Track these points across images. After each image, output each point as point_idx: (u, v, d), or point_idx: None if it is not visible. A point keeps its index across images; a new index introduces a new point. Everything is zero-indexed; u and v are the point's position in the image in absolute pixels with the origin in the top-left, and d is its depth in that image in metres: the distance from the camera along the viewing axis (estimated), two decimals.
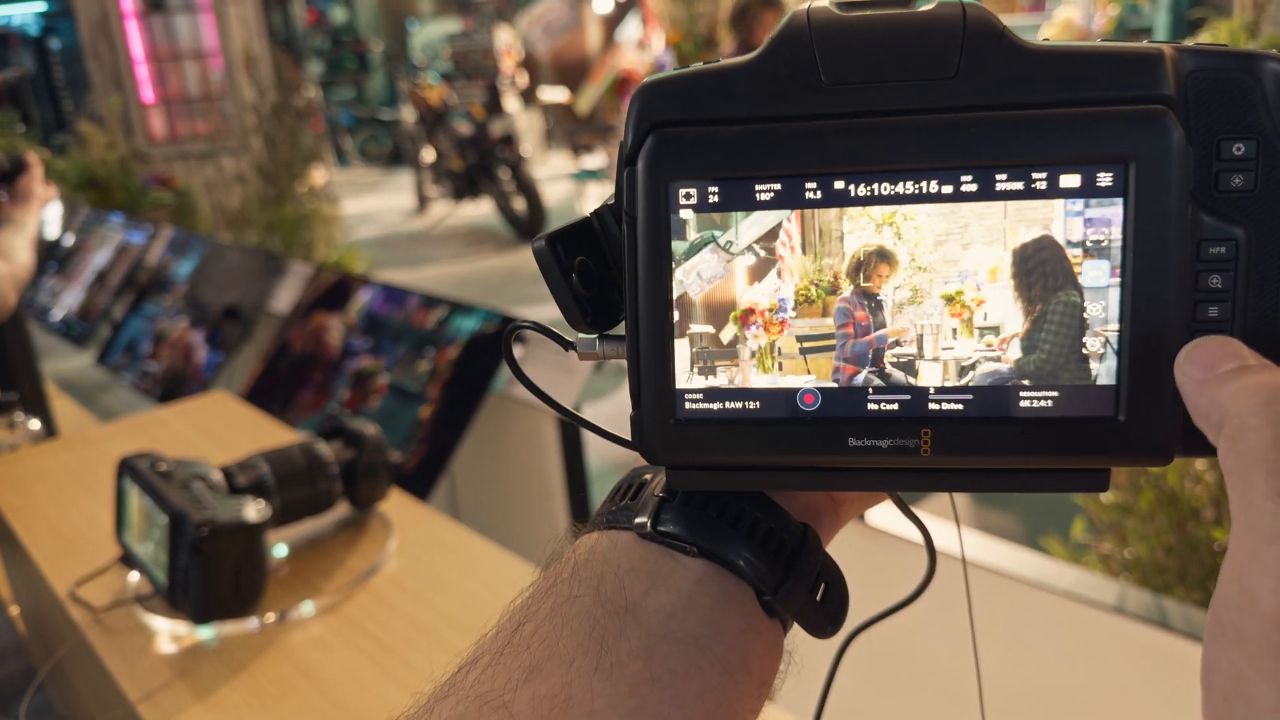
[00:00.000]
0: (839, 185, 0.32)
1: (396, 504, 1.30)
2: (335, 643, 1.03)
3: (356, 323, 2.58)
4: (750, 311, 0.33)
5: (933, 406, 0.33)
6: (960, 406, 0.33)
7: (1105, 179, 0.31)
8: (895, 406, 0.33)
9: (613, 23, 10.58)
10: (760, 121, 0.33)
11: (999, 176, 0.31)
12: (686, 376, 0.34)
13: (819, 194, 0.32)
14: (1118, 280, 0.31)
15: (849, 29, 0.33)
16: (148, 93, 7.15)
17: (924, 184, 0.32)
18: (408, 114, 9.13)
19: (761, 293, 0.33)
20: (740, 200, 0.33)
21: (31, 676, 2.08)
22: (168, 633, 1.07)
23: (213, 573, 1.01)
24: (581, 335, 0.38)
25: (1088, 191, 0.31)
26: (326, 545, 1.22)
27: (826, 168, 0.32)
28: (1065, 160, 0.31)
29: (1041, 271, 0.31)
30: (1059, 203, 0.31)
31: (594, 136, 8.74)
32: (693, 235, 0.33)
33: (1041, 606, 1.38)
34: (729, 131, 0.33)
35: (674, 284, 0.33)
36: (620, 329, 0.37)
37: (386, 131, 12.05)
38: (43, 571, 1.23)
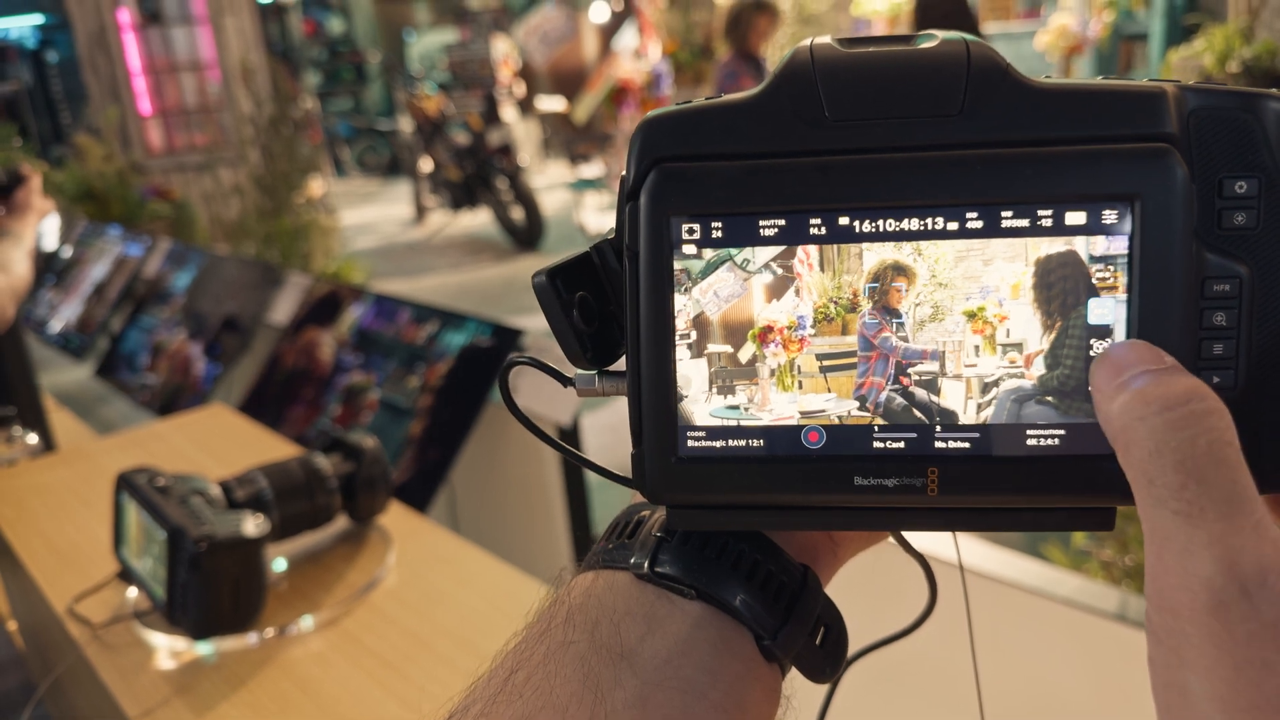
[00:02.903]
0: (843, 221, 0.32)
1: (395, 517, 1.29)
2: (335, 658, 1.02)
3: (348, 338, 2.59)
4: (769, 329, 0.33)
5: (939, 445, 0.32)
6: (967, 445, 0.32)
7: (1110, 216, 0.31)
8: (901, 445, 0.33)
9: (609, 32, 10.61)
10: (764, 157, 0.33)
11: (1004, 213, 0.31)
12: (705, 396, 0.33)
13: (823, 230, 0.32)
14: (1124, 318, 0.31)
15: (853, 66, 0.33)
16: (145, 104, 7.16)
17: (929, 221, 0.32)
18: (405, 124, 9.15)
19: (780, 310, 0.33)
20: (744, 236, 0.33)
21: (29, 692, 2.07)
22: (166, 649, 1.06)
23: (211, 588, 1.00)
24: (580, 371, 0.37)
25: (1093, 229, 0.31)
26: (326, 559, 1.22)
27: (830, 204, 0.32)
28: (1071, 197, 0.31)
29: (1063, 286, 0.31)
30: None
31: (591, 145, 8.75)
32: (697, 267, 0.33)
33: (1042, 614, 1.38)
34: (732, 167, 0.33)
35: (691, 303, 0.33)
36: (620, 364, 0.37)
37: (384, 142, 12.07)
38: (41, 587, 1.22)
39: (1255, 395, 0.32)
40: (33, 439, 1.86)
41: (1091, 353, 0.31)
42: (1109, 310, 0.31)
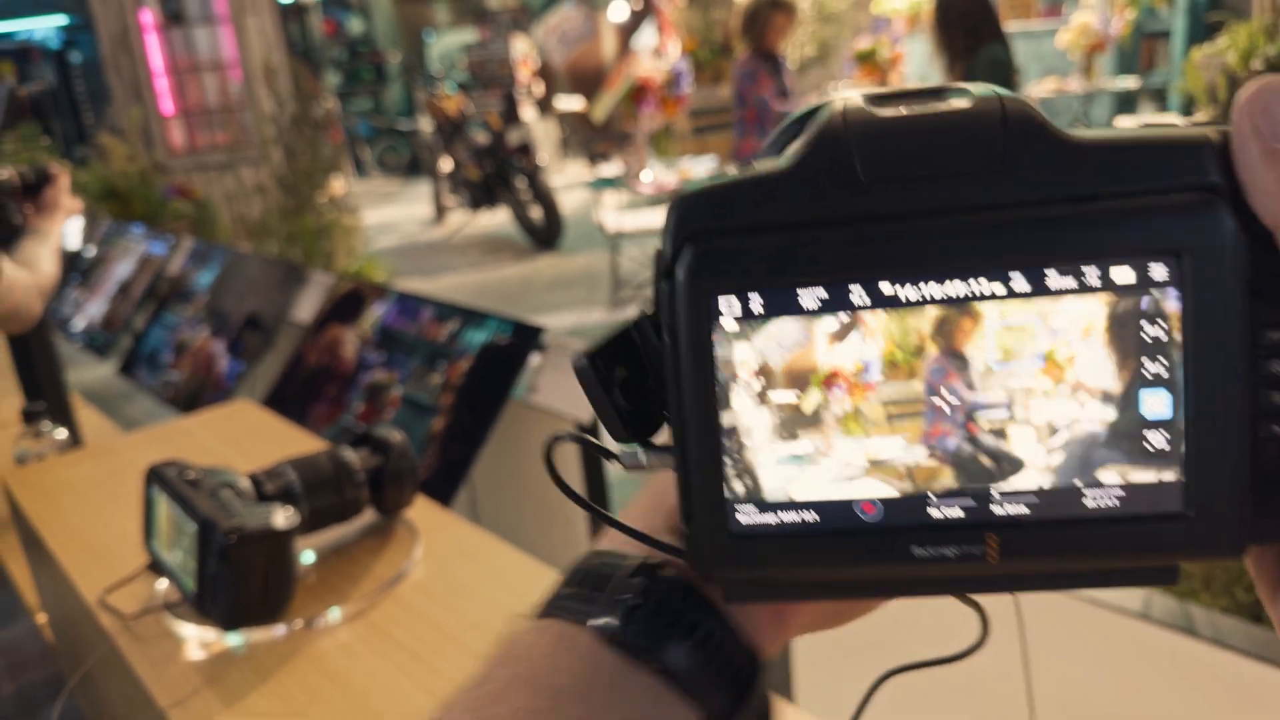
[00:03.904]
0: (885, 288, 0.31)
1: (422, 510, 1.30)
2: (363, 649, 1.03)
3: (370, 336, 2.60)
4: (834, 375, 0.32)
5: (997, 510, 0.32)
6: (1026, 510, 0.32)
7: (1159, 272, 0.30)
8: (959, 513, 0.32)
9: (628, 31, 10.62)
10: (800, 227, 0.32)
11: (1049, 273, 0.31)
12: (769, 447, 0.33)
13: (866, 299, 0.31)
14: (1180, 375, 0.30)
15: (887, 128, 0.32)
16: (167, 105, 7.22)
17: (973, 284, 0.31)
18: (425, 124, 9.20)
19: (845, 356, 0.32)
20: (785, 307, 0.32)
21: (58, 683, 2.10)
22: (196, 639, 1.07)
23: (241, 580, 1.01)
24: (624, 448, 0.37)
25: (1142, 285, 0.30)
26: (353, 552, 1.22)
27: (871, 271, 0.32)
28: (1116, 254, 0.30)
29: (1136, 328, 0.30)
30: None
31: (610, 145, 8.77)
32: (739, 344, 0.32)
33: (1065, 613, 1.38)
34: (769, 239, 0.32)
35: (753, 354, 0.32)
36: (663, 436, 0.36)
37: (404, 142, 12.13)
38: (72, 579, 1.24)
39: None
40: (61, 434, 1.88)
41: (1144, 409, 0.30)
42: (1162, 368, 0.30)
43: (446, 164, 8.35)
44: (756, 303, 0.32)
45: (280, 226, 5.34)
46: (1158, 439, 0.31)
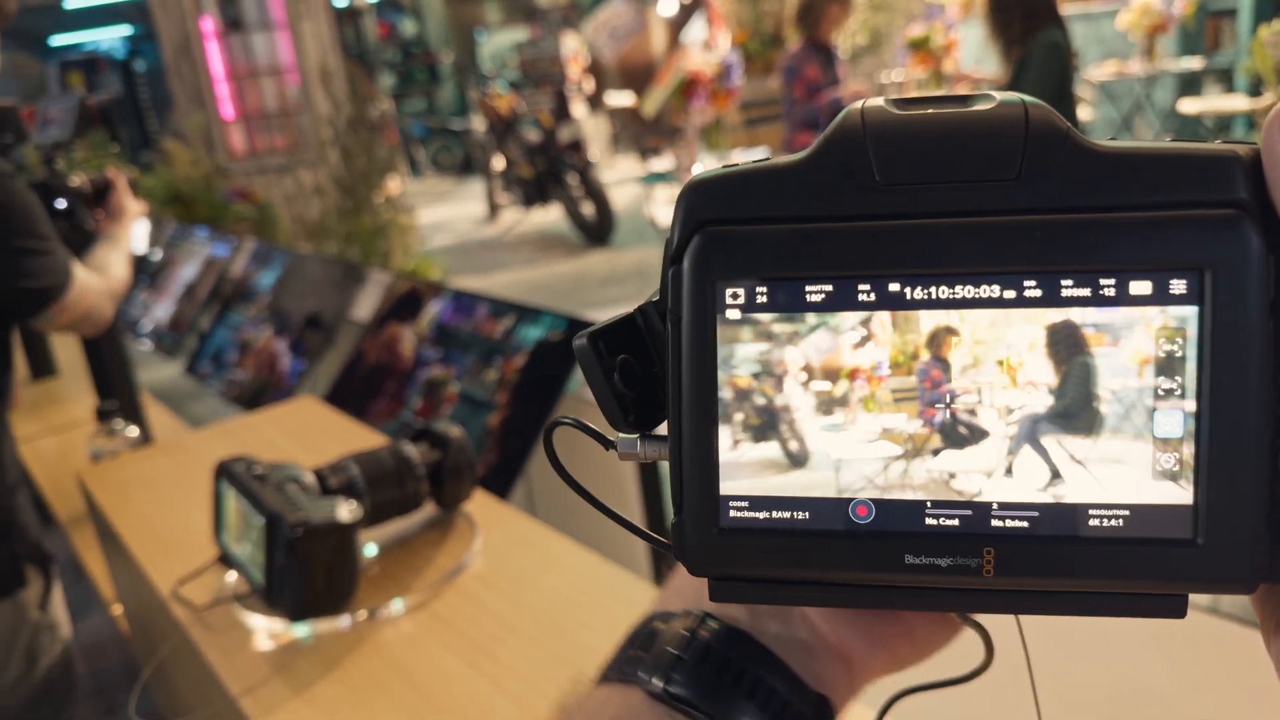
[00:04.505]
0: (894, 288, 0.32)
1: (480, 504, 1.32)
2: (425, 640, 1.05)
3: (427, 333, 2.64)
4: (856, 370, 0.33)
5: (995, 524, 0.31)
6: (1026, 524, 0.31)
7: (1179, 286, 0.29)
8: (955, 522, 0.32)
9: (678, 25, 10.60)
10: (811, 221, 0.32)
11: (1064, 282, 0.30)
12: (812, 420, 0.33)
13: (872, 296, 0.32)
14: (1194, 395, 0.30)
15: (905, 128, 0.32)
16: (228, 109, 7.37)
17: (984, 288, 0.31)
18: (478, 123, 9.28)
19: (864, 357, 0.33)
20: (790, 302, 0.32)
21: (131, 670, 2.17)
22: (265, 630, 1.11)
23: (307, 572, 1.04)
24: (622, 435, 0.36)
25: (1160, 299, 0.30)
26: (414, 544, 1.25)
27: (880, 270, 0.31)
28: (1135, 266, 0.30)
29: (1067, 344, 0.31)
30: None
31: (661, 139, 8.76)
32: (745, 335, 0.33)
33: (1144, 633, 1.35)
34: (778, 231, 0.32)
35: (799, 354, 0.33)
36: (663, 429, 0.35)
37: (458, 141, 12.25)
38: (146, 572, 1.28)
39: None
40: (133, 432, 1.94)
41: (1155, 427, 0.30)
42: (1177, 384, 0.30)
43: (499, 162, 8.42)
44: (762, 294, 0.32)
45: (338, 227, 5.43)
46: (1167, 460, 0.30)
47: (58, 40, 12.99)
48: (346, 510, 1.08)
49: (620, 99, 10.20)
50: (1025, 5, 3.20)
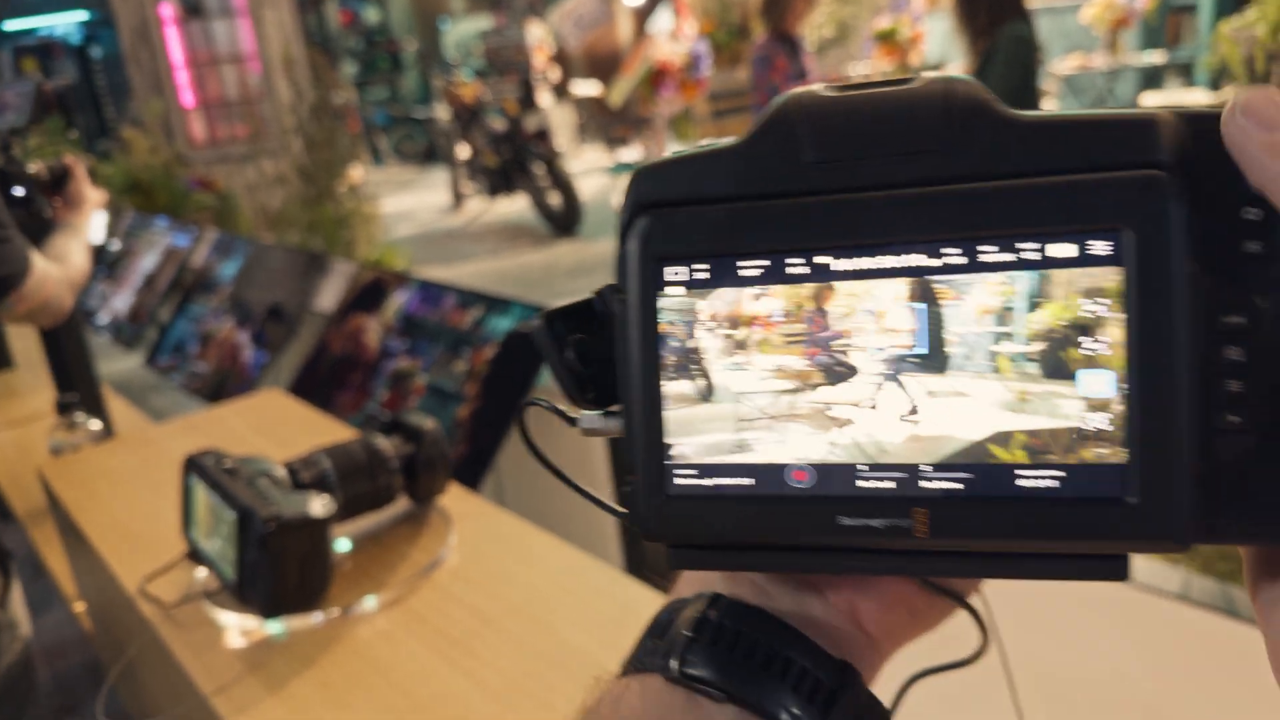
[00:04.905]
0: (822, 261, 0.33)
1: (454, 497, 1.30)
2: (402, 636, 1.04)
3: (393, 324, 2.61)
4: (756, 318, 0.35)
5: (926, 485, 0.32)
6: (959, 486, 0.32)
7: (1100, 247, 0.30)
8: (888, 484, 0.33)
9: (644, 14, 10.57)
10: (746, 200, 0.34)
11: (985, 248, 0.31)
12: (719, 360, 0.35)
13: (805, 269, 0.33)
14: (1121, 352, 0.30)
15: (834, 108, 0.33)
16: (187, 97, 7.25)
17: (908, 258, 0.32)
18: (442, 111, 9.20)
19: (762, 307, 0.34)
20: (727, 278, 0.34)
21: (95, 668, 2.13)
22: (236, 627, 1.08)
23: (280, 567, 1.02)
24: (584, 412, 0.38)
25: (1081, 261, 0.30)
26: (387, 539, 1.23)
27: (811, 244, 0.33)
28: (1054, 229, 0.30)
29: (921, 296, 0.32)
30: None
31: (628, 129, 8.74)
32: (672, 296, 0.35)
33: (1102, 594, 1.36)
34: (715, 211, 0.34)
35: (708, 305, 0.34)
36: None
37: (421, 130, 12.14)
38: (111, 568, 1.25)
39: (1273, 432, 0.30)
40: (95, 425, 1.90)
41: (1077, 386, 0.31)
42: (1103, 345, 0.30)
43: (464, 151, 8.35)
44: (701, 271, 0.34)
45: (301, 216, 5.36)
46: (1098, 420, 0.30)
47: (11, 25, 12.69)
48: (320, 504, 1.06)
49: (586, 88, 10.15)
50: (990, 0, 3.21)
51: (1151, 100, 6.19)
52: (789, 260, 0.33)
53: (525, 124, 7.53)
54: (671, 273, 0.34)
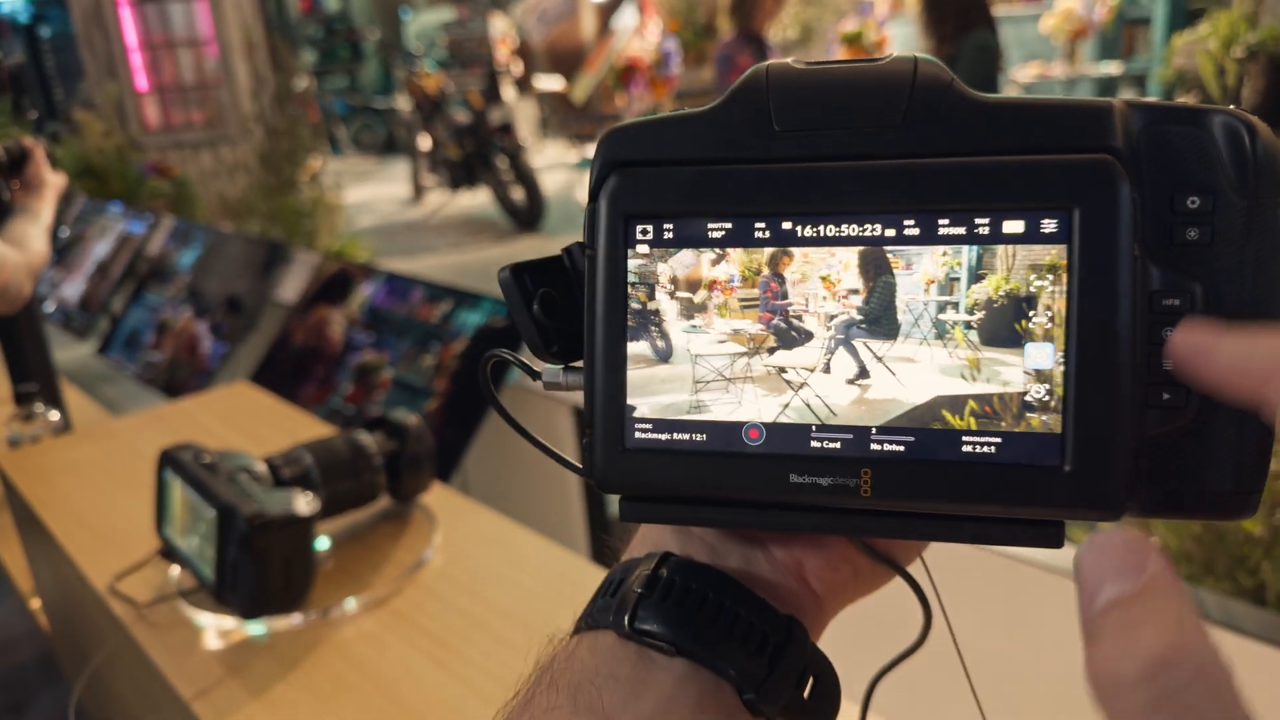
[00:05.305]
0: (785, 226, 0.34)
1: (438, 496, 1.28)
2: (388, 638, 1.01)
3: (359, 316, 2.57)
4: (714, 283, 0.36)
5: (874, 447, 0.33)
6: (902, 448, 0.33)
7: (1049, 225, 0.31)
8: (837, 445, 0.34)
9: (608, 11, 10.54)
10: (715, 164, 0.35)
11: (941, 221, 0.32)
12: (677, 322, 0.36)
13: (768, 234, 0.34)
14: (1062, 328, 0.31)
15: (803, 80, 0.35)
16: (141, 81, 7.08)
17: (867, 227, 0.33)
18: (403, 102, 9.08)
19: (720, 272, 0.36)
20: (693, 238, 0.35)
21: (48, 663, 2.06)
22: (214, 628, 1.05)
23: (264, 567, 0.99)
24: (548, 366, 0.39)
25: (1031, 238, 0.31)
26: (370, 538, 1.20)
27: (774, 209, 0.34)
28: (1008, 206, 0.32)
29: (874, 265, 0.34)
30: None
31: (592, 125, 8.70)
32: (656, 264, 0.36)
33: (1069, 596, 1.38)
34: (684, 172, 0.35)
35: (668, 269, 0.35)
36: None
37: (380, 120, 11.98)
38: (78, 564, 1.21)
39: (1208, 413, 0.32)
40: (54, 416, 1.84)
41: (1025, 358, 0.32)
42: (1046, 319, 0.31)
43: (425, 143, 8.25)
44: (668, 230, 0.35)
45: (261, 205, 5.26)
46: (1039, 391, 0.32)
47: None
48: (304, 502, 1.03)
49: (549, 83, 10.10)
50: (959, 3, 3.24)
51: None
52: (755, 224, 0.34)
53: (490, 117, 7.45)
54: (640, 230, 0.35)
